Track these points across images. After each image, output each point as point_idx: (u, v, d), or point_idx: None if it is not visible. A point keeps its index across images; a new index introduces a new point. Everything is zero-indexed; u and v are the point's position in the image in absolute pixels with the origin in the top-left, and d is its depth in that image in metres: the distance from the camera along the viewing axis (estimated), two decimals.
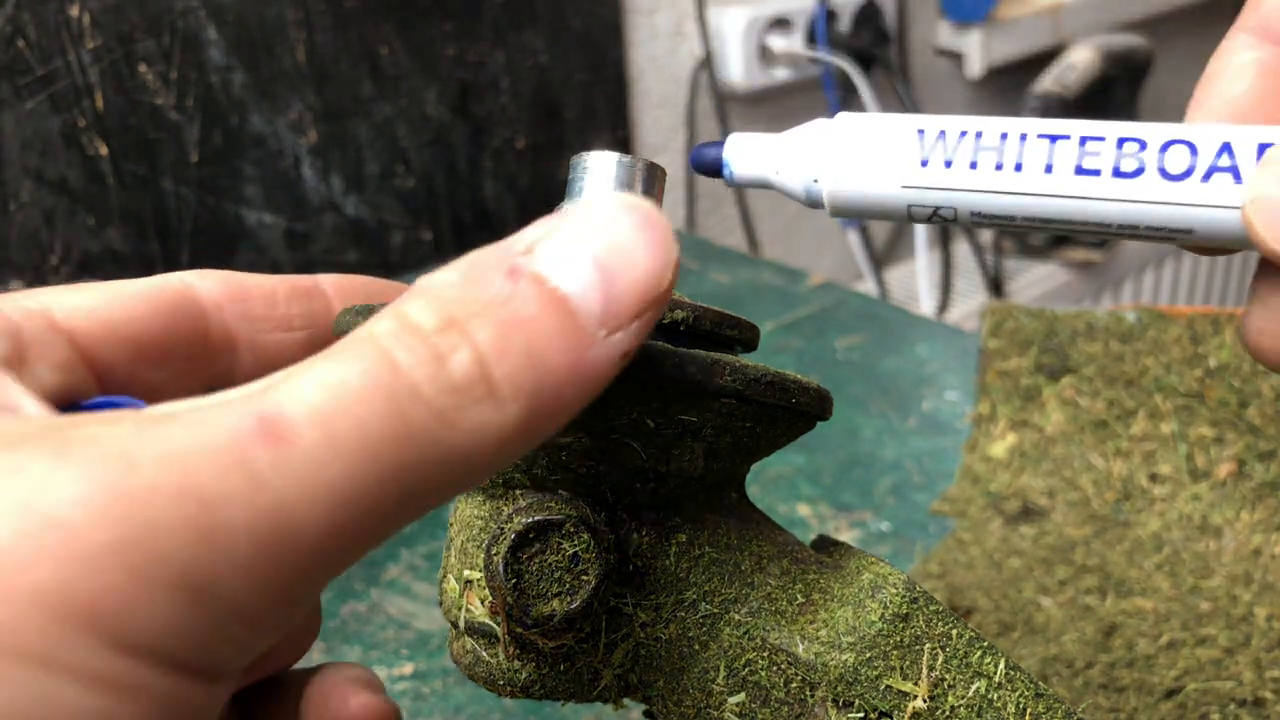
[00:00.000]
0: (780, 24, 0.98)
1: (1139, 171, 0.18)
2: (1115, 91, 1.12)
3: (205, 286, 0.21)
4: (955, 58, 1.18)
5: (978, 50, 1.14)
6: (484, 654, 0.21)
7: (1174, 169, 0.18)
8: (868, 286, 1.12)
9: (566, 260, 0.16)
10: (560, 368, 0.16)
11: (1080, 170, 0.19)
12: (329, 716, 0.20)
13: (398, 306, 0.16)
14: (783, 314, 0.75)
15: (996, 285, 1.17)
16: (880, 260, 1.17)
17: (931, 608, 0.20)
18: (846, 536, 0.52)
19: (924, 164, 0.20)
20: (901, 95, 1.02)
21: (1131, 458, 0.51)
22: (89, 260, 0.71)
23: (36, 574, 0.12)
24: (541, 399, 0.16)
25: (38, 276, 0.69)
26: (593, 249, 0.16)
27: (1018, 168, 0.19)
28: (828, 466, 0.57)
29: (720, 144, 0.22)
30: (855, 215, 0.22)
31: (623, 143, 0.95)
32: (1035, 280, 1.19)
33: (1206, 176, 0.18)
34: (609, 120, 0.94)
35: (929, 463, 0.57)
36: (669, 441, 0.20)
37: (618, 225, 0.17)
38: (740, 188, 0.22)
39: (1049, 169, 0.19)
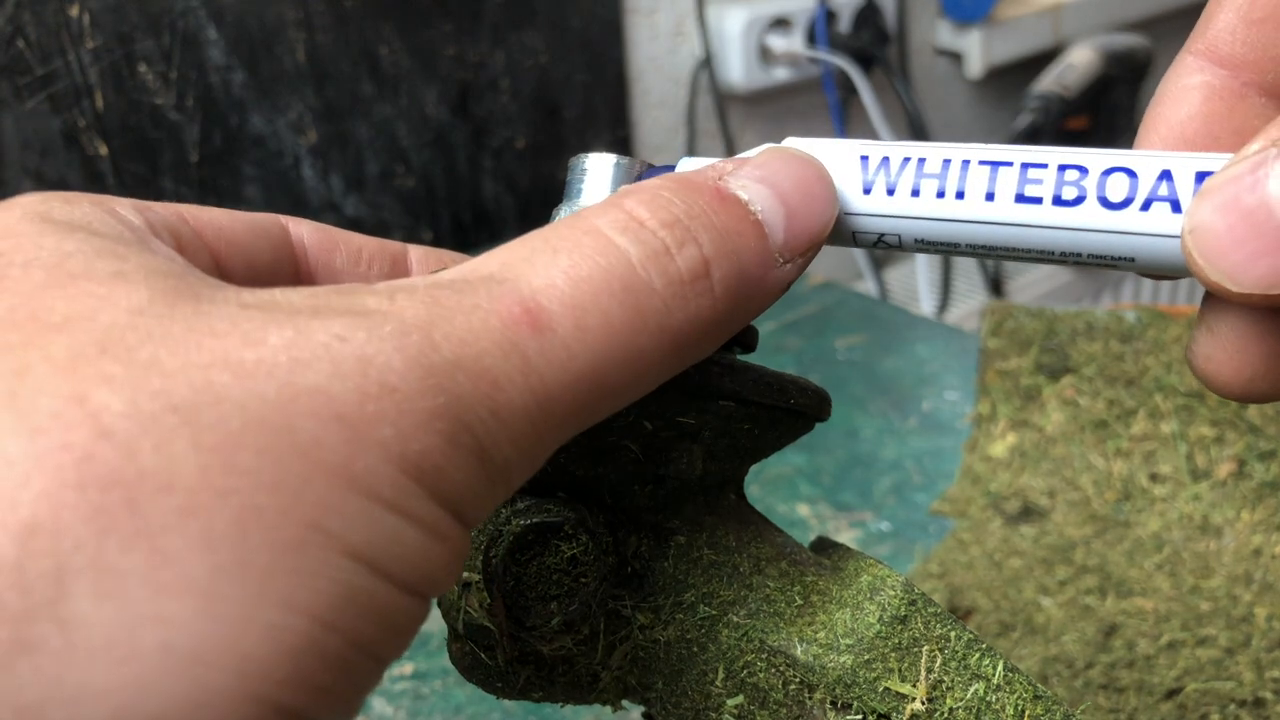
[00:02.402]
0: (780, 24, 0.98)
1: (1080, 200, 0.18)
2: (1115, 91, 1.12)
3: (300, 231, 0.22)
4: (955, 58, 1.18)
5: (978, 50, 1.14)
6: (482, 656, 0.21)
7: (1114, 197, 0.18)
8: (868, 286, 1.12)
9: (759, 193, 0.19)
10: (754, 280, 0.18)
11: (1021, 198, 0.19)
12: None
13: (617, 201, 0.18)
14: (783, 314, 0.75)
15: (996, 285, 1.17)
16: (880, 260, 1.17)
17: (930, 610, 0.20)
18: (846, 536, 0.52)
19: (867, 191, 0.20)
20: (901, 95, 1.02)
21: (1132, 457, 0.51)
22: None
23: (382, 431, 0.14)
24: (739, 301, 0.18)
25: None
26: (780, 188, 0.19)
27: (959, 195, 0.19)
28: (828, 466, 0.57)
29: (671, 167, 0.22)
30: None
31: (623, 142, 0.95)
32: (1035, 280, 1.19)
33: (1146, 205, 0.18)
34: (609, 120, 0.94)
35: (929, 463, 0.57)
36: (667, 444, 0.20)
37: (799, 173, 0.19)
38: None
39: (990, 197, 0.19)
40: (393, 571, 0.14)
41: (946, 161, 0.19)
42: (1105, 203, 0.18)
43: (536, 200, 0.91)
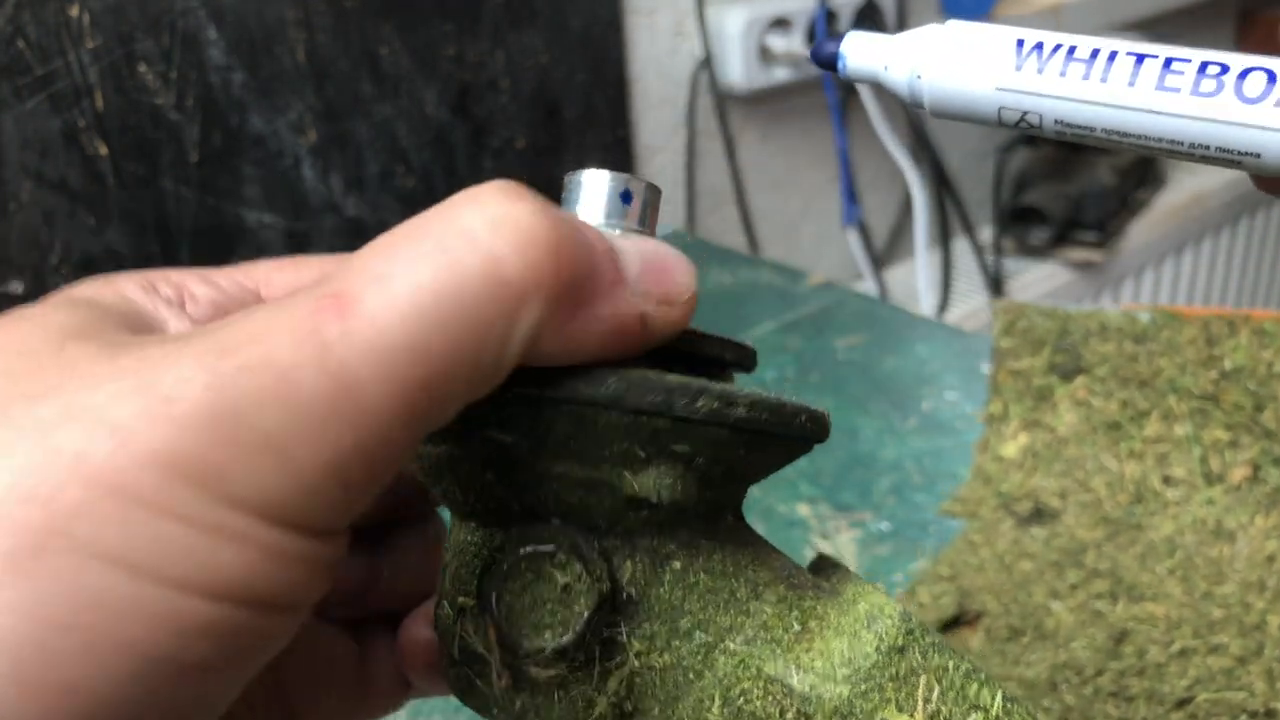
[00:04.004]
0: (780, 24, 0.97)
1: (1216, 92, 0.20)
2: None
3: None
4: None
5: None
6: (478, 681, 0.21)
7: (1250, 93, 0.19)
8: (868, 286, 1.11)
9: (614, 238, 0.19)
10: (604, 281, 0.18)
11: (1161, 87, 0.20)
12: (402, 643, 0.24)
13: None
14: (783, 314, 0.74)
15: (996, 285, 1.17)
16: (880, 260, 1.16)
17: (927, 639, 0.20)
18: (846, 537, 0.51)
19: (1018, 69, 0.22)
20: None
21: (1145, 460, 0.51)
22: (89, 261, 0.71)
23: (151, 439, 0.14)
24: (583, 285, 0.17)
25: (37, 277, 0.69)
26: (637, 245, 0.19)
27: (1103, 80, 0.21)
28: (828, 466, 0.57)
29: (839, 39, 0.24)
30: (951, 115, 0.23)
31: (622, 143, 0.95)
32: (1035, 280, 1.18)
33: None
34: (609, 120, 0.93)
35: (929, 463, 0.57)
36: (662, 471, 0.20)
37: (655, 243, 0.20)
38: (852, 81, 0.26)
39: (1132, 84, 0.21)
40: (170, 575, 0.14)
41: (1095, 51, 0.21)
42: (1241, 97, 0.19)
43: None
